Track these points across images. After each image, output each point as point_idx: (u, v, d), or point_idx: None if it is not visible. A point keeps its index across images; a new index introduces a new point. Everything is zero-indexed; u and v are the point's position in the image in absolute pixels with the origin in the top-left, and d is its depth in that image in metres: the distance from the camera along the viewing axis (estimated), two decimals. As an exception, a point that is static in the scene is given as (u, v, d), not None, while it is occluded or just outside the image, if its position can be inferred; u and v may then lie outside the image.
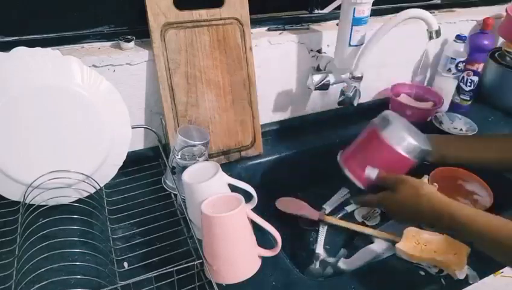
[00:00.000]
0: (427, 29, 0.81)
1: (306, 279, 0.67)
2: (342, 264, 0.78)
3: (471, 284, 0.67)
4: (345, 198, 0.99)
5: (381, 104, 1.13)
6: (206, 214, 0.56)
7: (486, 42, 1.09)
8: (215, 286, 0.56)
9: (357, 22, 0.84)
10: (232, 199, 0.60)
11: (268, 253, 0.61)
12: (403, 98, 1.10)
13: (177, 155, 0.70)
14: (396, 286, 0.66)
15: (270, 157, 0.96)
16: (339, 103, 0.91)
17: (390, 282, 0.67)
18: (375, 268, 0.71)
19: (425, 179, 0.84)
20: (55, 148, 0.71)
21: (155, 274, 0.58)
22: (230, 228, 0.57)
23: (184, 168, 0.68)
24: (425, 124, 1.08)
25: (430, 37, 0.81)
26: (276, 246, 0.61)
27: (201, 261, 0.58)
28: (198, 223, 0.63)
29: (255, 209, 0.62)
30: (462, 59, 1.07)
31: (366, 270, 0.70)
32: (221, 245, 0.57)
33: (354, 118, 1.08)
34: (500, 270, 1.98)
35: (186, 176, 0.64)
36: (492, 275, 0.72)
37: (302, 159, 0.99)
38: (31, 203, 0.71)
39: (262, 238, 0.63)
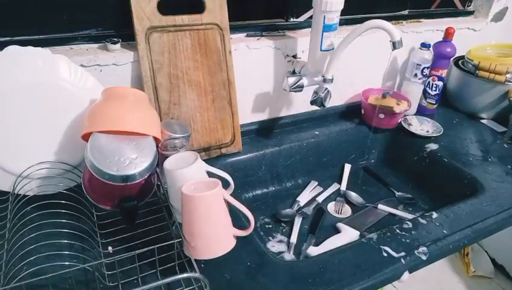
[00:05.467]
0: (390, 40, 0.87)
1: (278, 261, 0.72)
2: (311, 251, 0.84)
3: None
4: (316, 191, 1.07)
5: (353, 108, 1.20)
6: (186, 194, 0.61)
7: (448, 50, 1.17)
8: (194, 262, 0.61)
9: (328, 28, 0.90)
10: (210, 182, 0.65)
11: (242, 233, 0.66)
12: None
13: (160, 147, 0.75)
14: (361, 265, 0.71)
15: (249, 155, 1.02)
16: (311, 102, 0.97)
17: (355, 262, 0.72)
18: (341, 251, 0.76)
19: None
20: (44, 140, 0.76)
21: (138, 252, 0.62)
22: (207, 206, 0.61)
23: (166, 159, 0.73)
24: (396, 126, 1.15)
25: (394, 47, 0.88)
26: (249, 227, 0.66)
27: (180, 239, 0.63)
28: (179, 208, 0.68)
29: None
30: (427, 65, 1.15)
31: (333, 253, 0.75)
32: (199, 223, 0.62)
33: (327, 120, 1.16)
34: (472, 269, 2.05)
35: (167, 164, 0.69)
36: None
37: (278, 156, 1.05)
38: (20, 192, 0.74)
39: (239, 223, 0.69)
